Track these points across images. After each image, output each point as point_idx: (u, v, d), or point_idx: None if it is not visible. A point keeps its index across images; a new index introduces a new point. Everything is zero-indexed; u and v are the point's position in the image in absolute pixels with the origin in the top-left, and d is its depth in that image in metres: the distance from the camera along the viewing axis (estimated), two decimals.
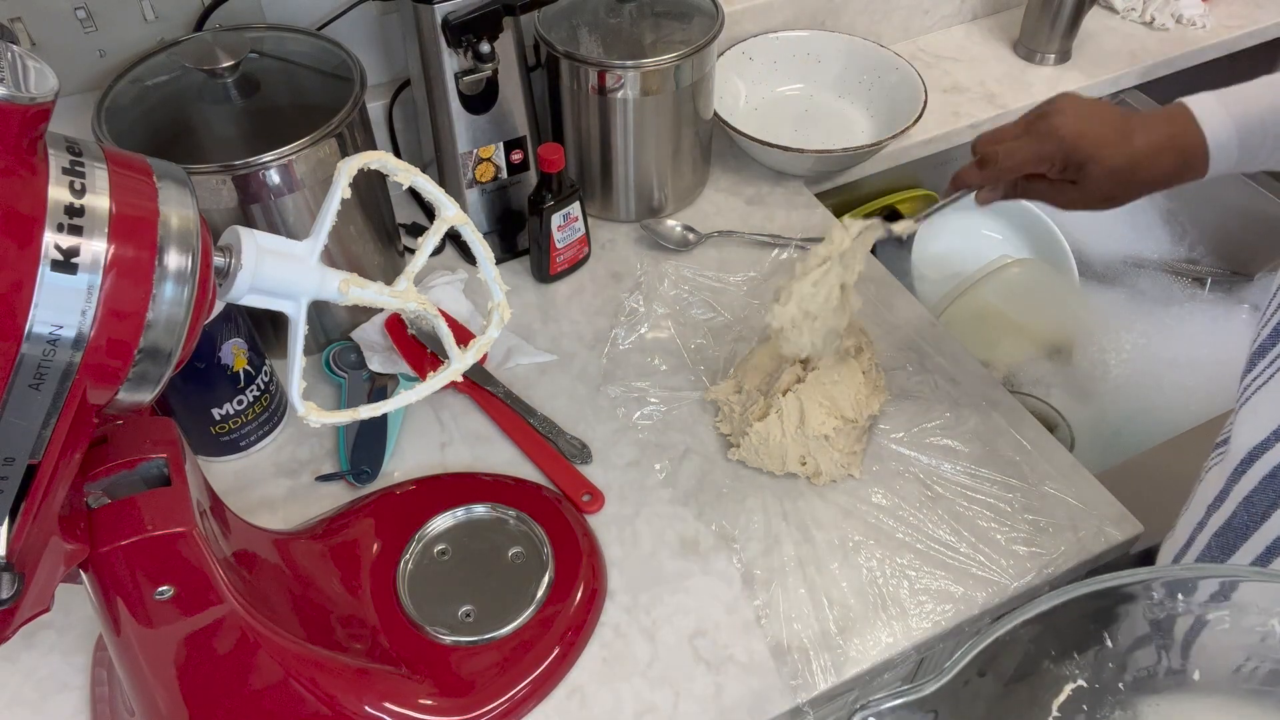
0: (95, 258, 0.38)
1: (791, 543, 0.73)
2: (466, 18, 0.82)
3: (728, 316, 0.91)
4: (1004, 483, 0.77)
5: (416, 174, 0.54)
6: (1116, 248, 1.25)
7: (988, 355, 0.99)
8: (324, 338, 0.87)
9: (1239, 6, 1.33)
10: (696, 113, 0.97)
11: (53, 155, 0.39)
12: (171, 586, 0.50)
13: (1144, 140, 0.65)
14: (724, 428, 0.81)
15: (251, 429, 0.78)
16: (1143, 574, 0.43)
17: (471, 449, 0.81)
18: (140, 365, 0.41)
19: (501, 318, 0.59)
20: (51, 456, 0.41)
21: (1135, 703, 0.46)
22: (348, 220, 0.83)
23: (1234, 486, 0.54)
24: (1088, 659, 0.45)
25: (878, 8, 1.21)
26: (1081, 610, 0.43)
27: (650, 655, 0.68)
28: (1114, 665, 0.46)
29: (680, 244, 0.99)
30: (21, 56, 0.37)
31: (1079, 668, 0.45)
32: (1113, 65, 1.24)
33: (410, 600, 0.68)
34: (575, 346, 0.89)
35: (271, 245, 0.49)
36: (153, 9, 0.85)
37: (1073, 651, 0.45)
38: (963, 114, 1.16)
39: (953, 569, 0.72)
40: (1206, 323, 1.15)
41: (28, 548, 0.42)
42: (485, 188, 0.95)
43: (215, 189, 0.73)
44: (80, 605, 0.68)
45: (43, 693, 0.66)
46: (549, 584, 0.69)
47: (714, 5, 0.94)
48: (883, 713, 0.40)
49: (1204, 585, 0.44)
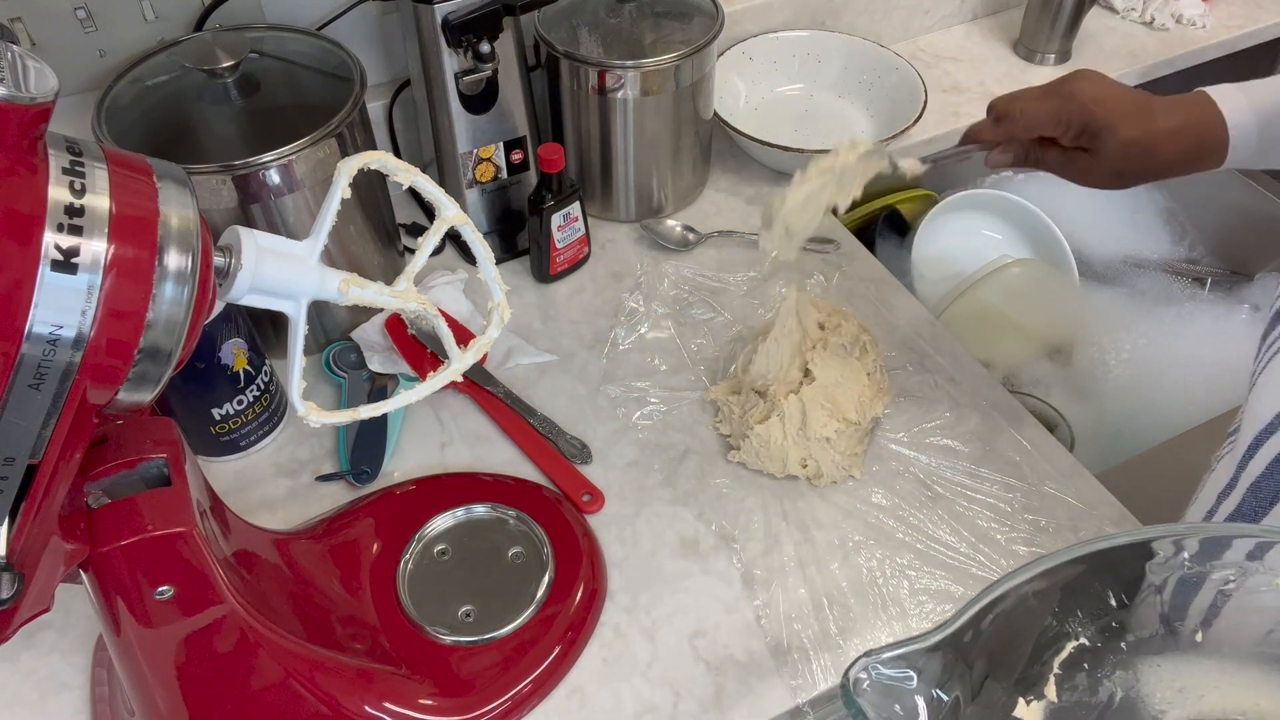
0: (95, 258, 0.38)
1: (791, 543, 0.73)
2: (466, 18, 0.82)
3: (728, 316, 0.91)
4: (1004, 483, 0.77)
5: (416, 174, 0.54)
6: (1116, 248, 1.25)
7: (988, 355, 0.99)
8: (324, 338, 0.87)
9: (1239, 6, 1.33)
10: (696, 113, 0.97)
11: (53, 155, 0.39)
12: (171, 586, 0.50)
13: (1164, 120, 0.65)
14: (724, 429, 0.81)
15: (251, 429, 0.78)
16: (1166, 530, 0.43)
17: (471, 449, 0.81)
18: (140, 365, 0.41)
19: (501, 318, 0.59)
20: (51, 456, 0.41)
21: (1136, 663, 0.46)
22: (348, 220, 0.83)
23: (1242, 473, 0.54)
24: (1091, 617, 0.45)
25: (878, 8, 1.21)
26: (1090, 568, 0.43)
27: (650, 655, 0.68)
28: (1117, 625, 0.45)
29: (680, 244, 0.99)
30: (21, 56, 0.37)
31: (1081, 625, 0.45)
32: (1113, 65, 1.24)
33: (410, 600, 0.68)
34: (575, 346, 0.89)
35: (271, 245, 0.49)
36: (153, 9, 0.85)
37: (1076, 610, 0.45)
38: (963, 114, 1.16)
39: (953, 569, 0.72)
40: (1206, 323, 1.15)
41: (28, 548, 0.42)
42: (485, 188, 0.95)
43: (215, 189, 0.73)
44: (80, 605, 0.68)
45: (43, 693, 0.66)
46: (549, 584, 0.69)
47: (714, 5, 0.94)
48: (885, 661, 0.40)
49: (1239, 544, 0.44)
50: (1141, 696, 0.45)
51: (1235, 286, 1.23)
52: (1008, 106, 0.68)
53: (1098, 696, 0.45)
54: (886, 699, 0.39)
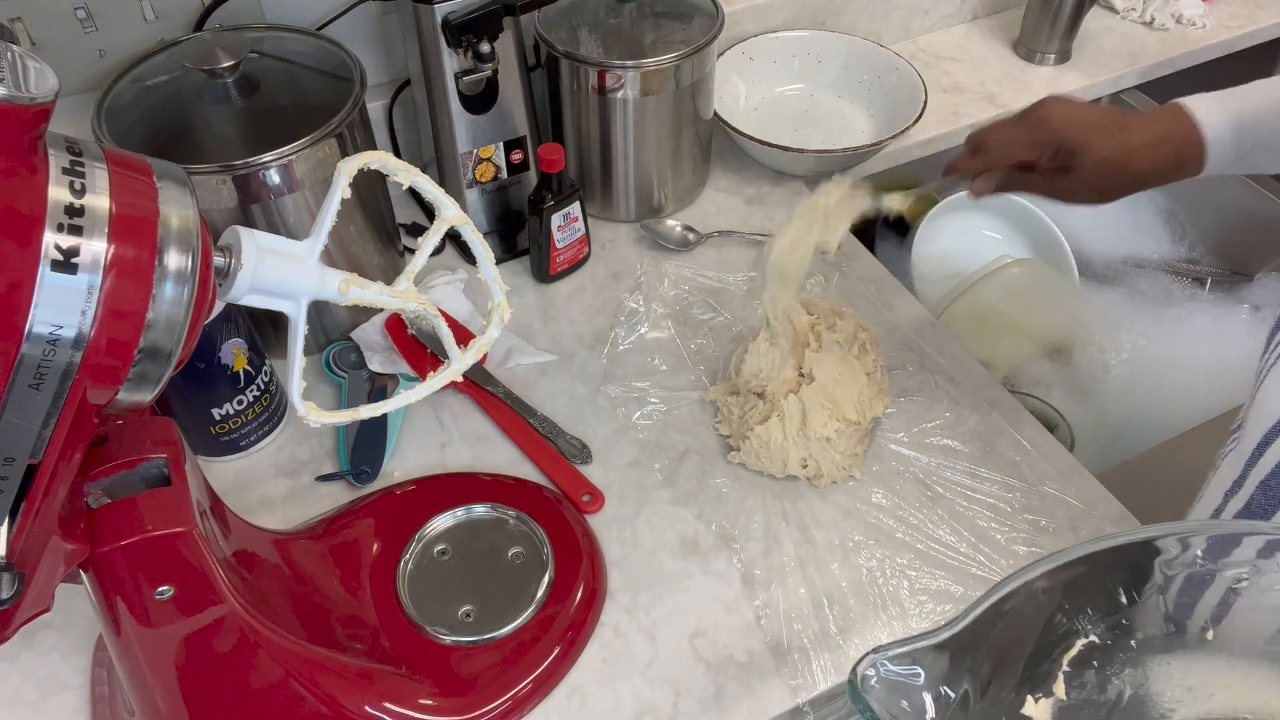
0: (95, 258, 0.38)
1: (791, 543, 0.73)
2: (466, 18, 0.82)
3: (728, 316, 0.91)
4: (1004, 483, 0.77)
5: (416, 174, 0.54)
6: (1116, 248, 1.25)
7: (988, 355, 0.99)
8: (324, 338, 0.87)
9: (1239, 6, 1.33)
10: (696, 113, 0.97)
11: (53, 155, 0.39)
12: (171, 586, 0.50)
13: (1138, 133, 0.66)
14: (723, 429, 0.81)
15: (251, 429, 0.78)
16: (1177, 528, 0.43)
17: (471, 449, 0.81)
18: (140, 365, 0.41)
19: (501, 318, 0.59)
20: (51, 456, 0.41)
21: (1145, 661, 0.46)
22: (348, 220, 0.83)
23: (1251, 471, 0.54)
24: (1100, 615, 0.45)
25: (878, 8, 1.21)
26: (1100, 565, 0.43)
27: (650, 655, 0.68)
28: (1127, 622, 0.45)
29: (680, 244, 0.99)
30: (21, 56, 0.37)
31: (1091, 623, 0.45)
32: (1113, 65, 1.24)
33: (410, 600, 0.68)
34: (575, 346, 0.89)
35: (271, 245, 0.49)
36: (153, 9, 0.86)
37: (1086, 607, 0.45)
38: (963, 114, 1.16)
39: (953, 569, 0.72)
40: (1206, 323, 1.15)
41: (28, 548, 0.42)
42: (485, 188, 0.95)
43: (215, 189, 0.73)
44: (80, 605, 0.68)
45: (43, 693, 0.66)
46: (549, 584, 0.69)
47: (714, 5, 0.94)
48: (893, 658, 0.40)
49: (1248, 543, 0.44)
50: (1151, 695, 0.45)
51: (1235, 286, 1.23)
52: (983, 137, 0.71)
53: (1106, 694, 0.45)
54: (894, 695, 0.39)
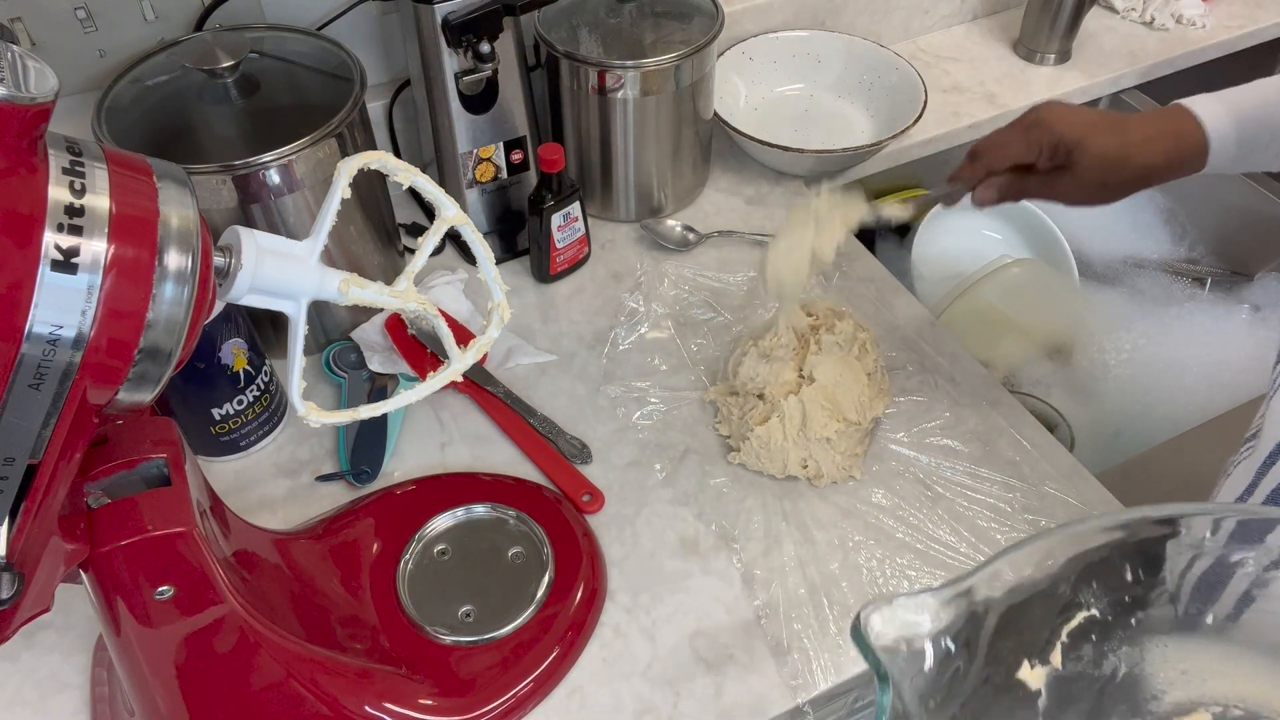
0: (95, 258, 0.38)
1: (791, 543, 0.73)
2: (466, 18, 0.82)
3: (728, 316, 0.91)
4: (1004, 483, 0.77)
5: (416, 174, 0.54)
6: (1116, 248, 1.25)
7: (988, 355, 0.99)
8: (324, 338, 0.87)
9: (1239, 6, 1.33)
10: (696, 113, 0.97)
11: (53, 155, 0.39)
12: (171, 586, 0.50)
13: (1138, 129, 0.66)
14: (723, 429, 0.81)
15: (251, 429, 0.78)
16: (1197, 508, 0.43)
17: (471, 449, 0.81)
18: (140, 365, 0.41)
19: (501, 318, 0.59)
20: (51, 456, 0.41)
21: (1143, 640, 0.46)
22: (348, 220, 0.83)
23: (1263, 479, 0.54)
24: (1105, 590, 0.45)
25: (878, 8, 1.21)
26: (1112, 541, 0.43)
27: (650, 655, 0.68)
28: (1130, 600, 0.46)
29: (680, 244, 0.99)
30: (21, 56, 0.37)
31: (1095, 597, 0.45)
32: (1113, 65, 1.24)
33: (410, 600, 0.68)
34: (575, 346, 0.89)
35: (271, 245, 0.49)
36: (153, 9, 0.86)
37: (1092, 581, 0.45)
38: (963, 114, 1.16)
39: (953, 569, 0.72)
40: (1206, 323, 1.15)
41: (28, 548, 0.42)
42: (485, 188, 0.95)
43: (215, 189, 0.73)
44: (80, 605, 0.68)
45: (43, 693, 0.66)
46: (549, 584, 0.69)
47: (714, 5, 0.94)
48: (901, 603, 0.40)
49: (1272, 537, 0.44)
50: (1145, 674, 0.46)
51: (1235, 286, 1.23)
52: (981, 144, 0.71)
53: (1101, 670, 0.45)
54: (896, 639, 0.39)
